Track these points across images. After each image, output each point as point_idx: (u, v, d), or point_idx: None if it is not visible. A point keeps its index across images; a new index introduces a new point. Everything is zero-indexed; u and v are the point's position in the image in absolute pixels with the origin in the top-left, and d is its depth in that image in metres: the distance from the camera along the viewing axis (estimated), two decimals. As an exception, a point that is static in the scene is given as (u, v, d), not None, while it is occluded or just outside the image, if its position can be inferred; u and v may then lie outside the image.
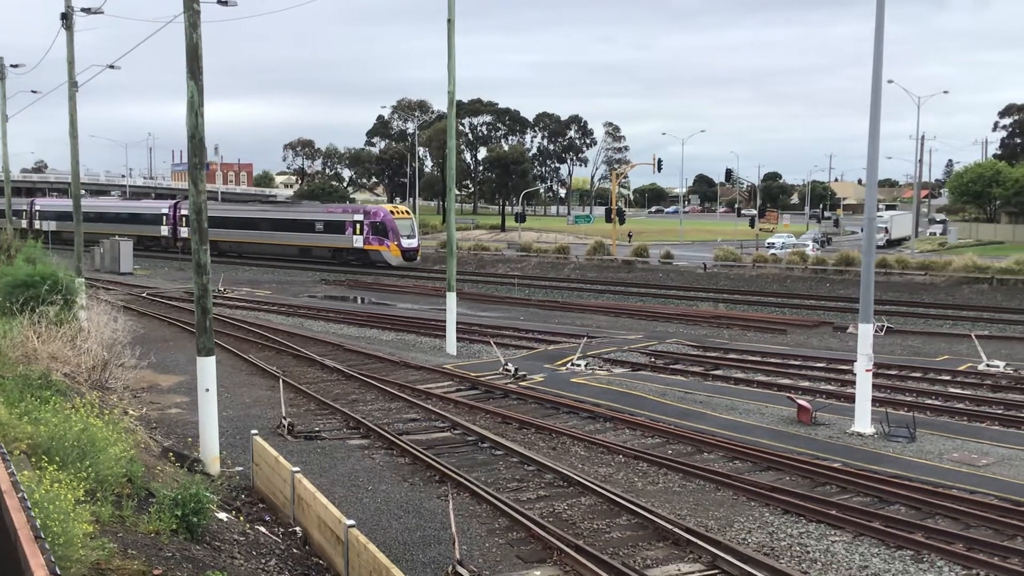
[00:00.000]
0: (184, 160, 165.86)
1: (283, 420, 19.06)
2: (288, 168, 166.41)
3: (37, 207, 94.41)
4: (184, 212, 76.61)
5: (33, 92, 49.32)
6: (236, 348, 28.60)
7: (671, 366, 27.73)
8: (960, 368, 26.57)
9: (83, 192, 38.28)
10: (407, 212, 68.15)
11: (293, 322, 37.01)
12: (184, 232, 75.87)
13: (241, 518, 12.52)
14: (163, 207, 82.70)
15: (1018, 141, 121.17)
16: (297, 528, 12.58)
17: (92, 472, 9.72)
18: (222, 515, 12.11)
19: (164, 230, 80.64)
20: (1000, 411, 21.42)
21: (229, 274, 57.33)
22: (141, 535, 9.53)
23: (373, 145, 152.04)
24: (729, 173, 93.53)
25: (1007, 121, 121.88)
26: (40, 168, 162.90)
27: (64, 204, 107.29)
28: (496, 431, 19.20)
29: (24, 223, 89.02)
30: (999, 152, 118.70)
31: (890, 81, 17.15)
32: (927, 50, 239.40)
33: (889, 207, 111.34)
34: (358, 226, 64.46)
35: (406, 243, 63.60)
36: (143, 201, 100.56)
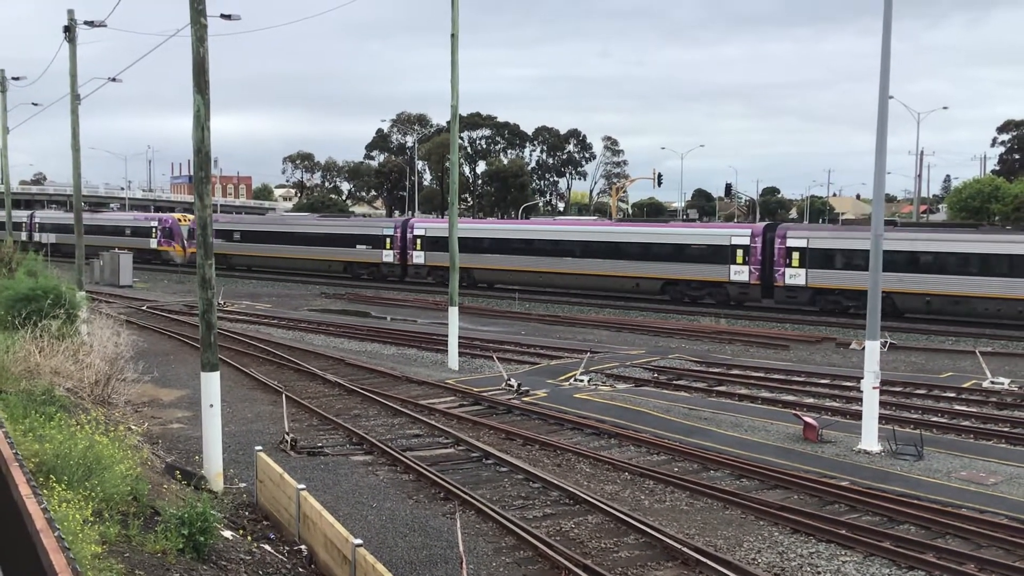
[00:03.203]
0: (183, 173, 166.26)
1: (286, 436, 18.92)
2: (287, 181, 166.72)
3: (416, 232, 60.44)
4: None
5: (34, 104, 49.52)
6: (237, 362, 28.47)
7: (674, 382, 27.61)
8: (965, 385, 26.48)
9: (84, 205, 37.42)
10: None
11: (294, 336, 36.87)
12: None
13: (248, 537, 12.39)
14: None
15: (1016, 157, 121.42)
16: (303, 546, 12.43)
17: (99, 491, 9.59)
18: (227, 533, 11.99)
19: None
20: (1007, 429, 21.32)
21: (229, 287, 57.21)
22: (148, 555, 9.40)
23: (372, 158, 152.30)
24: (729, 188, 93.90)
25: (1005, 137, 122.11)
26: (39, 180, 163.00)
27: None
28: (500, 447, 19.07)
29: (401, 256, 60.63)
30: (997, 168, 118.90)
31: (890, 97, 17.16)
32: (921, 66, 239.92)
33: (888, 222, 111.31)
34: None
35: None
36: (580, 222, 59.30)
